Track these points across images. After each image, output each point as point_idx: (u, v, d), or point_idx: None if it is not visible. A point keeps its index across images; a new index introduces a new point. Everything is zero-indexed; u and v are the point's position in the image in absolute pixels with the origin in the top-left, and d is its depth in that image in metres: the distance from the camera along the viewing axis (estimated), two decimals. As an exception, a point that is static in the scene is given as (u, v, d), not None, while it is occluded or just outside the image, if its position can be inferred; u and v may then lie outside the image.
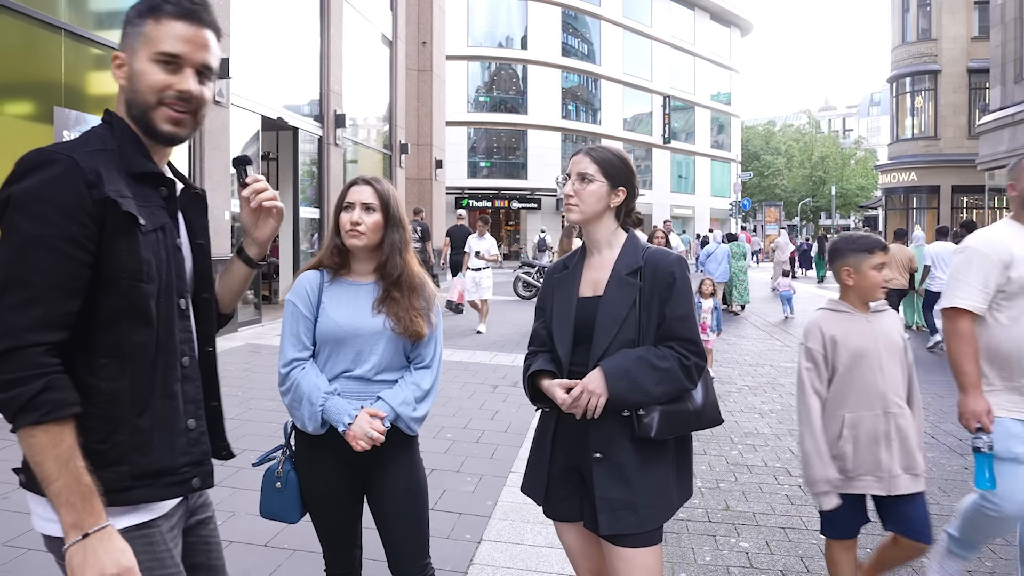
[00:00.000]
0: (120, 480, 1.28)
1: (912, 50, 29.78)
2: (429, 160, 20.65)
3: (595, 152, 2.06)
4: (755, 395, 6.86)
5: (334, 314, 2.04)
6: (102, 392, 1.28)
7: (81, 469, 1.20)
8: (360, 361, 2.04)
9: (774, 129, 69.05)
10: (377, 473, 2.08)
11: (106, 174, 1.28)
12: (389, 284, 2.06)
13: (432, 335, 2.13)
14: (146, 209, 1.33)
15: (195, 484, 1.40)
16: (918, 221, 29.90)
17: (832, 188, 49.14)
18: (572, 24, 38.68)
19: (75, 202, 1.23)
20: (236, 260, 1.65)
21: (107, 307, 1.28)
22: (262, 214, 1.60)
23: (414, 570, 2.10)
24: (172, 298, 1.37)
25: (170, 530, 1.40)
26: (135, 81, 1.36)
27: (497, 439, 5.06)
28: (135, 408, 1.31)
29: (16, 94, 6.73)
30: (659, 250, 2.03)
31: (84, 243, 1.24)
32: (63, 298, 1.22)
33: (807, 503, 4.08)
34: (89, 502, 1.20)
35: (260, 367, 7.42)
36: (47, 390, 1.17)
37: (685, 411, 1.94)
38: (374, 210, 2.06)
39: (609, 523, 1.89)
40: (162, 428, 1.34)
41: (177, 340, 1.38)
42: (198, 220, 1.53)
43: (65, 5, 7.22)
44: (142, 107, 1.36)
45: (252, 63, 10.69)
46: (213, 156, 9.36)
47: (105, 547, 1.20)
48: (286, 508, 2.09)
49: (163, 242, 1.36)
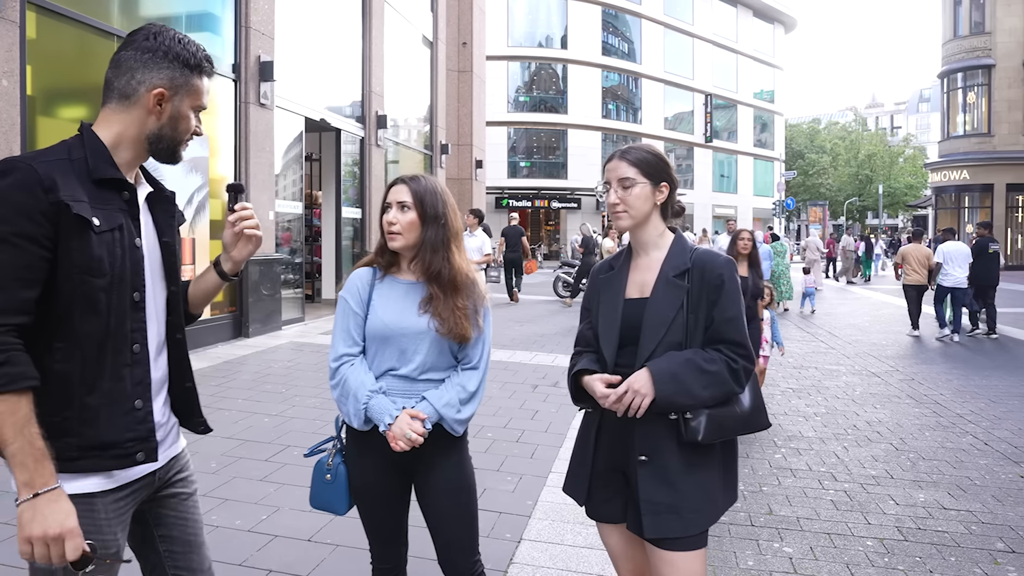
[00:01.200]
0: (69, 450, 1.44)
1: (964, 44, 28.92)
2: (469, 160, 20.74)
3: (630, 154, 2.03)
4: (799, 398, 6.74)
5: (381, 312, 2.05)
6: (56, 372, 1.44)
7: (35, 435, 1.35)
8: (405, 360, 2.04)
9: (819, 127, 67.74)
10: (424, 472, 2.09)
11: (62, 180, 1.42)
12: (432, 283, 2.05)
13: (480, 336, 2.10)
14: (103, 211, 1.48)
15: (139, 458, 1.54)
16: (970, 220, 29.02)
17: (879, 187, 47.96)
18: (612, 23, 38.47)
19: (31, 203, 1.38)
20: (211, 270, 1.79)
21: (62, 298, 1.44)
22: (242, 238, 1.74)
23: (466, 565, 2.11)
24: (125, 291, 1.51)
25: (116, 502, 1.53)
26: (177, 121, 1.58)
27: (537, 439, 5.05)
28: (83, 387, 1.46)
29: (71, 98, 6.96)
30: (707, 252, 2.00)
31: (40, 239, 1.39)
32: (21, 287, 1.38)
33: (853, 509, 3.99)
34: (41, 464, 1.36)
35: (304, 365, 7.54)
36: (5, 364, 1.34)
37: (732, 415, 1.91)
38: (409, 208, 2.05)
39: (654, 526, 1.88)
40: (108, 406, 1.49)
41: (128, 329, 1.52)
42: (165, 220, 1.67)
43: (117, 12, 7.44)
44: (173, 141, 1.59)
45: (295, 66, 10.87)
46: (259, 157, 9.54)
47: (52, 508, 1.36)
48: (335, 500, 2.13)
49: (119, 241, 1.50)
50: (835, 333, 11.26)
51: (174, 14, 8.67)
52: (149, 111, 1.55)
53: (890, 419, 5.98)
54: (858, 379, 7.65)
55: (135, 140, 1.56)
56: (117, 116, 1.55)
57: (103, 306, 1.47)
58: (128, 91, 1.54)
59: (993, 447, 5.20)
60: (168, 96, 1.55)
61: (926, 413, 6.18)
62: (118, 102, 1.55)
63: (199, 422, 1.73)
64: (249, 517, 3.60)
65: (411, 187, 2.08)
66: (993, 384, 7.35)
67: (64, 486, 1.42)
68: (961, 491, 4.30)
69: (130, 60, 1.54)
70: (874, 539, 3.61)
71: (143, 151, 1.59)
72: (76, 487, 1.46)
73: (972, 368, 8.30)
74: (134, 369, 1.53)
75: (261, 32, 9.67)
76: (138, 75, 1.53)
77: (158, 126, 1.56)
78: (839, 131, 64.51)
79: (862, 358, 8.97)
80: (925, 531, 3.72)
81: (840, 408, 6.35)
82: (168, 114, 1.56)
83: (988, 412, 6.20)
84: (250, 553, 3.23)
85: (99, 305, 1.46)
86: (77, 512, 1.41)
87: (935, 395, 6.89)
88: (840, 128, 66.62)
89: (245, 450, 4.52)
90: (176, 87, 1.56)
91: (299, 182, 11.27)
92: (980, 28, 28.48)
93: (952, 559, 3.39)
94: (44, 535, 1.35)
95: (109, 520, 1.51)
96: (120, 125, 1.55)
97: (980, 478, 4.53)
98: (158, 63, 1.54)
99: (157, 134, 1.57)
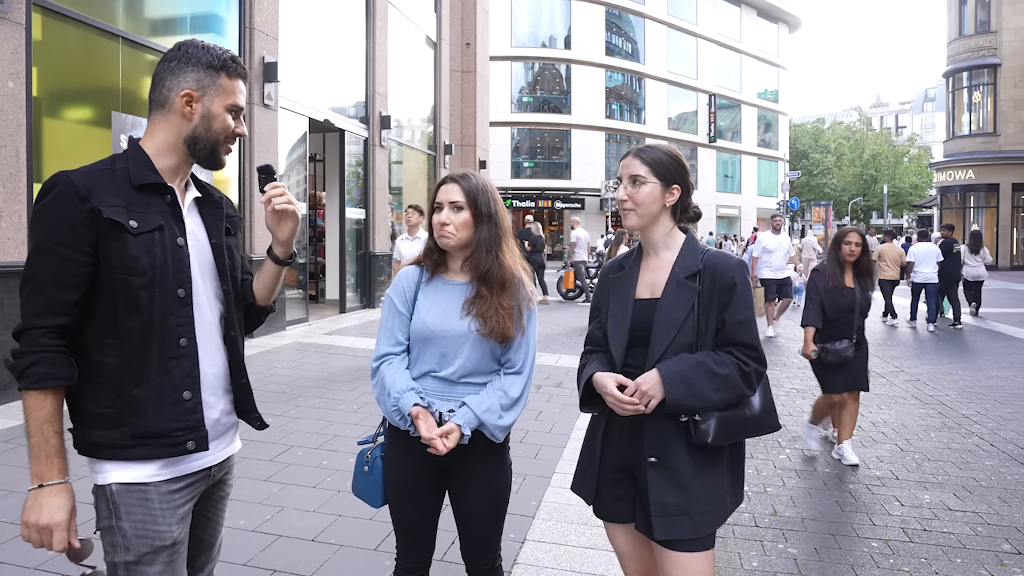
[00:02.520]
0: (123, 439, 1.55)
1: (970, 43, 28.83)
2: (473, 161, 20.73)
3: (644, 153, 2.02)
4: (804, 399, 6.72)
5: (424, 314, 2.04)
6: (107, 366, 1.55)
7: (53, 433, 1.48)
8: (445, 363, 2.02)
9: (823, 127, 67.59)
10: (461, 475, 2.07)
11: (98, 188, 1.53)
12: (481, 282, 2.03)
13: (523, 339, 2.06)
14: (142, 214, 1.57)
15: (190, 447, 1.61)
16: (975, 220, 28.95)
17: (884, 187, 47.84)
18: (616, 23, 38.43)
19: (69, 213, 1.50)
20: (267, 259, 1.87)
21: (107, 297, 1.54)
22: (281, 216, 1.78)
23: (486, 562, 2.15)
24: (168, 288, 1.59)
25: (171, 493, 1.60)
26: (210, 120, 1.65)
27: (541, 439, 5.05)
28: (132, 380, 1.55)
29: (77, 100, 6.97)
30: (719, 253, 1.99)
31: (78, 246, 1.50)
32: (60, 291, 1.50)
33: (858, 510, 3.98)
34: (52, 460, 1.48)
35: (307, 365, 7.55)
36: (36, 364, 1.47)
37: (743, 417, 1.91)
38: (462, 208, 2.03)
39: (664, 528, 1.88)
40: (156, 398, 1.57)
41: (174, 324, 1.59)
42: (213, 223, 1.75)
43: (122, 13, 7.46)
44: (209, 141, 1.66)
45: (299, 66, 10.89)
46: (263, 158, 9.55)
47: (49, 500, 1.48)
48: (370, 492, 2.14)
49: (159, 241, 1.58)
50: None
51: (179, 15, 8.70)
52: (183, 115, 1.64)
53: (895, 420, 5.96)
54: (863, 379, 7.62)
55: (175, 145, 1.65)
56: (158, 126, 1.65)
57: (144, 303, 1.55)
58: (162, 100, 1.64)
59: (999, 448, 5.18)
60: (197, 96, 1.63)
61: (931, 414, 6.16)
62: (157, 112, 1.65)
63: (255, 417, 1.81)
64: (253, 517, 3.61)
65: (463, 186, 2.05)
66: (999, 385, 7.32)
67: (120, 474, 1.55)
68: (967, 492, 4.28)
69: (161, 73, 1.65)
70: (879, 540, 3.60)
71: (185, 156, 1.67)
72: (131, 475, 1.56)
73: (978, 369, 8.27)
74: (181, 362, 1.60)
75: (265, 33, 9.68)
76: (168, 83, 1.63)
77: (191, 128, 1.64)
78: (843, 131, 64.35)
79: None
80: (931, 532, 3.71)
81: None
82: (199, 114, 1.64)
83: (994, 413, 6.18)
84: (255, 553, 3.23)
85: (140, 302, 1.55)
86: (130, 501, 1.55)
87: (940, 396, 6.86)
88: (844, 128, 66.44)
89: (249, 450, 4.53)
90: (203, 87, 1.64)
91: (303, 183, 11.28)
92: (986, 27, 28.39)
93: (958, 560, 3.38)
94: (37, 523, 1.47)
95: (164, 511, 1.58)
96: (161, 134, 1.65)
97: (986, 479, 4.51)
98: (183, 68, 1.63)
99: (192, 136, 1.65)
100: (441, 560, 3.07)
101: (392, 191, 14.60)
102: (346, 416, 5.61)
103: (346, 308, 12.56)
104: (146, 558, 1.55)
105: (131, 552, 1.54)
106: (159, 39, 7.89)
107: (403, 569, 2.15)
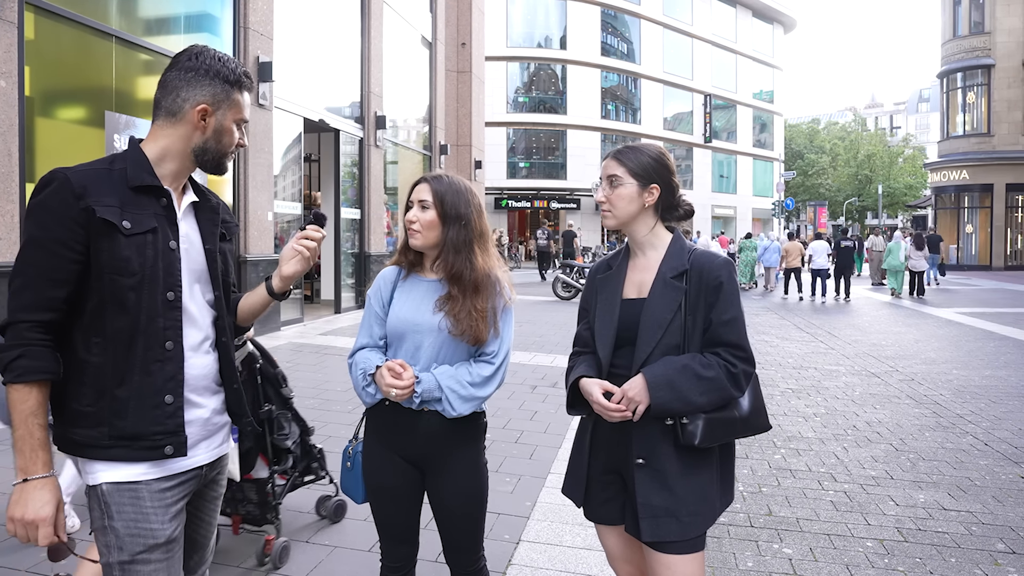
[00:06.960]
0: (102, 439, 1.55)
1: (964, 44, 28.93)
2: (468, 161, 20.73)
3: (623, 154, 2.01)
4: (799, 398, 6.73)
5: (398, 308, 2.06)
6: (92, 365, 1.55)
7: (37, 426, 1.48)
8: (420, 356, 2.04)
9: (818, 127, 67.75)
10: (437, 473, 2.08)
11: (94, 187, 1.53)
12: (453, 283, 2.03)
13: (497, 339, 2.06)
14: (136, 215, 1.56)
15: (168, 451, 1.59)
16: (970, 220, 29.06)
17: (879, 187, 47.97)
18: (611, 23, 38.45)
19: (62, 210, 1.50)
20: (261, 286, 1.88)
21: (95, 296, 1.54)
22: (295, 255, 1.81)
23: (468, 562, 2.14)
24: (157, 291, 1.58)
25: (162, 491, 1.60)
26: (221, 134, 1.69)
27: (536, 440, 5.04)
28: (115, 380, 1.55)
29: (70, 99, 6.94)
30: (706, 253, 1.97)
31: (69, 243, 1.50)
32: (49, 286, 1.50)
33: (853, 509, 3.98)
34: (36, 453, 1.48)
35: (302, 365, 7.53)
36: (21, 357, 1.47)
37: (731, 418, 1.89)
38: (428, 207, 2.04)
39: (651, 530, 1.86)
40: (137, 399, 1.56)
41: (161, 326, 1.59)
42: (208, 228, 1.75)
43: (116, 13, 7.43)
44: (218, 153, 1.70)
45: (294, 66, 10.86)
46: (258, 158, 9.54)
47: (35, 495, 1.48)
48: (352, 487, 2.17)
49: (151, 243, 1.58)
50: (834, 333, 11.26)
51: (172, 15, 8.66)
52: (195, 126, 1.65)
53: (890, 419, 5.97)
54: (857, 379, 7.64)
55: (181, 153, 1.66)
56: (164, 132, 1.66)
57: (132, 304, 1.55)
58: (174, 109, 1.64)
59: (993, 447, 5.19)
60: (211, 111, 1.66)
61: (926, 413, 6.17)
62: (165, 119, 1.65)
63: (247, 422, 1.82)
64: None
65: (432, 186, 2.07)
66: (993, 385, 7.34)
67: (110, 473, 1.55)
68: (961, 492, 4.29)
69: (175, 80, 1.64)
70: (874, 540, 3.60)
71: (189, 163, 1.69)
72: (121, 475, 1.56)
73: (972, 368, 8.28)
74: (165, 365, 1.60)
75: (260, 32, 9.66)
76: (183, 93, 1.63)
77: (203, 139, 1.67)
78: (838, 131, 64.49)
79: (861, 358, 8.97)
80: (925, 532, 3.71)
81: (840, 408, 6.34)
82: (212, 128, 1.67)
83: (988, 412, 6.19)
84: (248, 555, 3.22)
85: (127, 303, 1.55)
86: (121, 500, 1.54)
87: (935, 395, 6.88)
88: (839, 128, 66.61)
89: (243, 451, 4.50)
90: (218, 102, 1.66)
91: (298, 183, 11.26)
92: (980, 28, 28.49)
93: (952, 560, 3.38)
94: (22, 517, 1.47)
95: (156, 509, 1.58)
96: (167, 140, 1.65)
97: (980, 479, 4.52)
98: (200, 81, 1.64)
99: (202, 147, 1.67)
100: (434, 561, 3.06)
101: (387, 191, 14.58)
102: (340, 417, 5.59)
103: (341, 308, 12.55)
104: (140, 557, 1.54)
105: (125, 551, 1.54)
106: (153, 39, 7.87)
107: (388, 568, 2.15)
